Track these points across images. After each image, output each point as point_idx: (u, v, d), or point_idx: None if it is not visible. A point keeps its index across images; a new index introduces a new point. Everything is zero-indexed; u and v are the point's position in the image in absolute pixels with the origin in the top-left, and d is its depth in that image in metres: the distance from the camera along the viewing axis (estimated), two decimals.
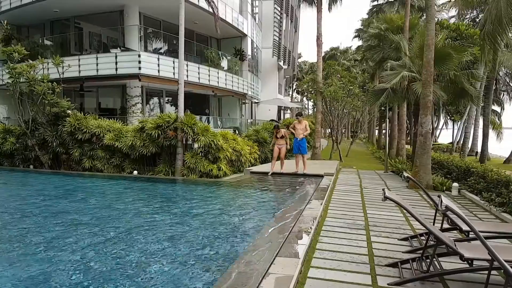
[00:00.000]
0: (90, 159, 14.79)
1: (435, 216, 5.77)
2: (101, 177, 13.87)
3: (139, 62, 17.74)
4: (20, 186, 12.73)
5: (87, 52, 21.46)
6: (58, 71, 15.84)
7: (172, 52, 20.72)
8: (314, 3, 21.18)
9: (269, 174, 13.07)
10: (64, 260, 5.28)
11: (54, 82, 15.40)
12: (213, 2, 15.66)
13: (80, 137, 14.60)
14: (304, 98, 71.09)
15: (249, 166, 14.91)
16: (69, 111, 15.26)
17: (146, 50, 19.98)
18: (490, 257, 3.51)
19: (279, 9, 34.48)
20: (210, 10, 15.84)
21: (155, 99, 22.87)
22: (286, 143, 13.10)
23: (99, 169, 14.60)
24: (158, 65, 18.71)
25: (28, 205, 9.26)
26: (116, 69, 18.09)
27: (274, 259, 4.51)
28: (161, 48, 21.98)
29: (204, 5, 17.35)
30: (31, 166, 16.09)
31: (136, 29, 19.62)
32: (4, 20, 19.54)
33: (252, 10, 30.24)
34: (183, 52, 14.64)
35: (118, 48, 19.26)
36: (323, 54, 23.97)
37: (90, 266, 5.07)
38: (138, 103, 19.18)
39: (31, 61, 15.95)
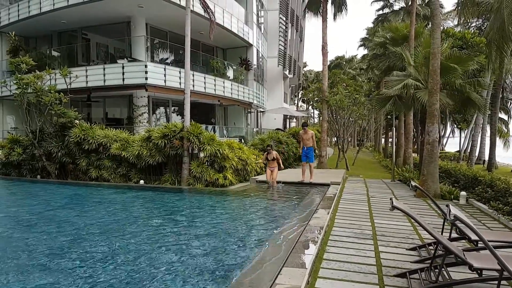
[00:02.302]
0: (96, 169, 14.83)
1: (443, 225, 5.72)
2: (107, 187, 13.90)
3: (146, 72, 17.89)
4: (27, 196, 12.78)
5: (94, 62, 21.68)
6: (65, 81, 15.98)
7: (178, 62, 20.89)
8: (319, 12, 21.25)
9: (275, 185, 12.98)
10: (70, 270, 5.28)
11: (61, 93, 15.51)
12: (210, 8, 15.71)
13: (86, 147, 14.66)
14: (310, 107, 71.19)
15: (255, 175, 14.89)
16: (77, 121, 15.35)
17: (152, 60, 20.17)
18: (499, 267, 3.47)
19: (284, 19, 34.68)
20: (207, 16, 15.87)
21: (161, 109, 23.01)
22: (279, 164, 13.00)
23: (105, 179, 14.63)
24: (165, 75, 18.85)
25: (35, 215, 9.29)
26: (123, 79, 18.25)
27: (281, 269, 4.48)
28: (167, 58, 22.17)
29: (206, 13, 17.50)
30: (38, 176, 16.15)
31: (143, 40, 19.82)
32: (12, 32, 19.82)
33: (258, 20, 30.46)
34: (189, 62, 14.73)
35: (125, 59, 19.46)
36: (328, 63, 24.01)
37: (96, 276, 5.06)
38: (144, 112, 19.31)
39: (38, 72, 16.09)
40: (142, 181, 14.22)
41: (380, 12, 35.76)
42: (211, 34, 15.73)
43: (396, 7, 34.06)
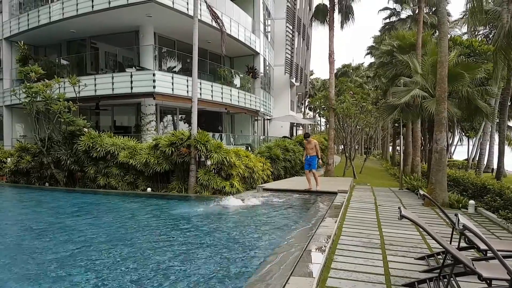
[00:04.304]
0: (104, 177, 14.91)
1: (452, 234, 5.68)
2: (115, 195, 13.97)
3: (154, 81, 18.03)
4: (36, 204, 12.87)
5: (103, 71, 21.87)
6: (74, 90, 16.14)
7: (186, 70, 21.02)
8: (326, 21, 21.34)
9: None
10: (78, 278, 5.30)
11: (70, 101, 15.66)
12: (220, 19, 15.80)
13: (94, 155, 14.76)
14: (317, 115, 71.14)
15: (261, 183, 14.89)
16: (85, 129, 15.47)
17: (160, 69, 20.30)
18: (509, 277, 3.44)
19: (291, 27, 34.82)
20: (218, 27, 15.97)
21: (169, 117, 23.12)
22: None
23: (113, 187, 14.70)
24: (172, 83, 18.98)
25: (44, 223, 9.35)
26: (131, 88, 18.38)
27: (289, 278, 4.47)
28: (175, 67, 22.31)
29: (217, 24, 17.64)
30: (47, 184, 16.27)
31: (151, 49, 19.98)
32: (21, 41, 20.07)
33: (265, 29, 30.60)
34: (197, 71, 14.83)
35: (134, 68, 19.60)
36: (335, 71, 24.04)
37: (104, 285, 5.08)
38: (152, 121, 19.41)
39: (47, 81, 16.26)
40: (149, 189, 14.28)
41: (387, 20, 35.90)
42: (223, 47, 15.79)
43: (403, 15, 34.20)
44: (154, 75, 18.18)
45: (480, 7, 11.59)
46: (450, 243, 5.31)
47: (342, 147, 28.08)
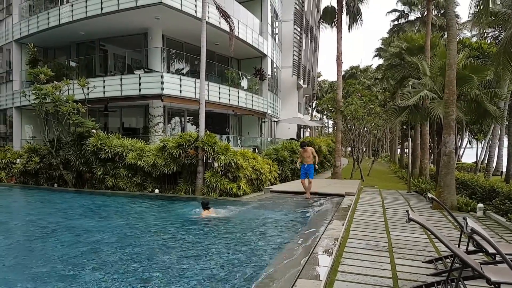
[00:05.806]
0: (113, 178, 14.99)
1: (460, 238, 5.65)
2: (123, 196, 14.04)
3: (162, 83, 18.11)
4: (44, 205, 12.97)
5: (112, 73, 22.00)
6: (83, 91, 16.25)
7: (194, 72, 21.09)
8: (334, 23, 21.31)
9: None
10: (86, 279, 5.34)
11: (79, 103, 15.77)
12: (230, 18, 15.76)
13: (103, 156, 14.86)
14: (324, 117, 71.03)
15: (269, 185, 14.89)
16: (94, 131, 15.58)
17: (168, 71, 20.40)
18: None
19: (298, 29, 34.83)
20: (227, 28, 15.96)
21: (177, 119, 23.22)
22: None
23: (121, 188, 14.78)
24: (180, 85, 19.05)
25: (52, 224, 9.42)
26: (140, 89, 18.48)
27: (296, 281, 4.47)
28: (183, 69, 22.40)
29: (225, 27, 17.66)
30: (55, 185, 16.40)
31: (159, 51, 20.08)
32: (31, 43, 20.28)
33: (272, 31, 30.64)
34: (205, 73, 14.88)
35: (142, 70, 19.72)
36: (343, 73, 23.98)
37: (111, 286, 5.11)
38: (160, 122, 19.50)
39: (56, 82, 16.39)
40: (157, 190, 14.34)
41: (395, 22, 35.66)
42: (231, 46, 15.78)
43: (412, 17, 33.96)
44: (162, 77, 18.27)
45: (486, 10, 11.50)
46: (459, 246, 5.28)
47: (350, 149, 27.99)
